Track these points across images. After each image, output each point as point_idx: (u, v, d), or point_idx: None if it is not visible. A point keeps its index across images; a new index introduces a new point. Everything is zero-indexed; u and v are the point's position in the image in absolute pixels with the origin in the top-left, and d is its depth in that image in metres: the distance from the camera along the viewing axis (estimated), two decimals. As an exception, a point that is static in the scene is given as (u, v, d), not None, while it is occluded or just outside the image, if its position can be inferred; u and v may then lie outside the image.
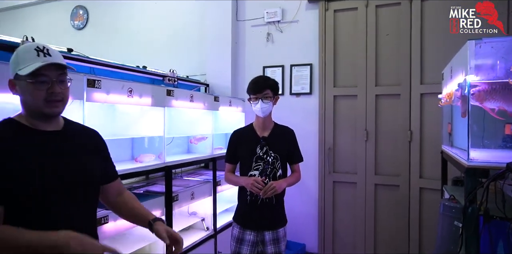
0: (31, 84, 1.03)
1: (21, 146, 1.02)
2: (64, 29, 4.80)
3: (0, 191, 0.96)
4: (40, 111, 1.06)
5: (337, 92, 3.31)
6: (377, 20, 3.14)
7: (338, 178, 3.33)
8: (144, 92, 2.12)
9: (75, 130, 1.21)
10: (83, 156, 1.17)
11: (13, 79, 1.06)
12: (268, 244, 2.04)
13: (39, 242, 0.93)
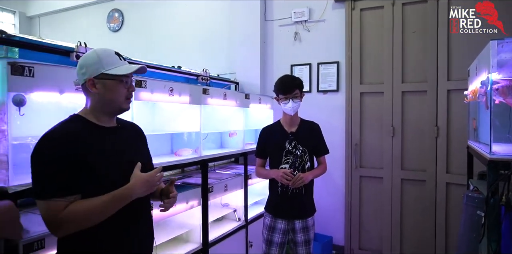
0: (119, 83, 1.19)
1: (94, 140, 1.15)
2: (101, 31, 5.08)
3: (81, 181, 1.10)
4: (118, 107, 1.22)
5: (363, 89, 3.39)
6: (403, 17, 3.19)
7: (365, 172, 3.42)
8: (183, 91, 2.30)
9: (126, 126, 1.36)
10: (138, 149, 1.34)
11: (94, 78, 1.17)
12: (298, 232, 2.18)
13: (113, 196, 1.10)
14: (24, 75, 1.38)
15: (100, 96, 1.19)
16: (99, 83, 1.17)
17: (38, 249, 1.44)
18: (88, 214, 1.08)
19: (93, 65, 1.17)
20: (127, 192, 1.13)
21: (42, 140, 1.09)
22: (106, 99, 1.20)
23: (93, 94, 1.19)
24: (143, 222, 1.29)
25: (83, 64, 1.19)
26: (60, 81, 1.55)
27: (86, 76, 1.17)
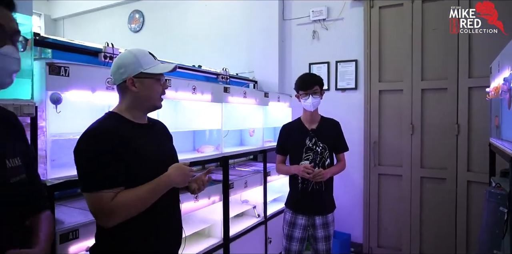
0: (156, 81, 1.26)
1: (131, 137, 1.20)
2: (122, 32, 5.21)
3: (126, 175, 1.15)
4: (153, 104, 1.28)
5: (382, 87, 3.39)
6: (423, 15, 3.18)
7: (383, 170, 3.42)
8: (205, 89, 2.36)
9: (155, 123, 1.41)
10: (168, 145, 1.41)
11: (133, 77, 1.22)
12: (318, 228, 2.22)
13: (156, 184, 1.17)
14: (61, 75, 1.46)
15: (138, 95, 1.24)
16: (138, 82, 1.23)
17: (73, 239, 1.52)
18: (136, 201, 1.14)
19: (132, 65, 1.22)
20: (167, 179, 1.19)
21: (84, 136, 1.15)
22: (143, 97, 1.25)
23: (131, 93, 1.24)
24: (173, 214, 1.36)
25: (122, 64, 1.23)
26: (91, 80, 1.63)
27: (125, 76, 1.22)
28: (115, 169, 1.13)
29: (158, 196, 1.18)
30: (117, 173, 1.14)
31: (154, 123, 1.39)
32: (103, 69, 1.68)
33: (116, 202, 1.10)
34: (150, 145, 1.27)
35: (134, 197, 1.13)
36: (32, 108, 1.36)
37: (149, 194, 1.16)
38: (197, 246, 2.41)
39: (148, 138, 1.28)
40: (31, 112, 1.35)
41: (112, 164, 1.13)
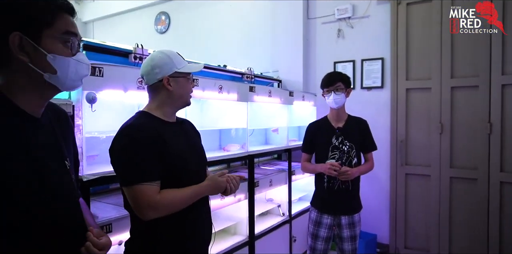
0: (187, 80, 1.32)
1: (165, 134, 1.25)
2: (149, 33, 5.34)
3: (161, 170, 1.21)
4: (185, 102, 1.34)
5: (409, 85, 3.32)
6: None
7: (411, 170, 3.35)
8: (231, 89, 2.40)
9: (184, 121, 1.45)
10: (198, 142, 1.45)
11: (169, 76, 1.28)
12: (344, 228, 2.20)
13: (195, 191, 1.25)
14: (95, 75, 1.52)
15: (172, 93, 1.29)
16: (173, 81, 1.28)
17: (107, 232, 1.58)
18: (180, 201, 1.22)
19: (166, 65, 1.27)
20: (203, 190, 1.27)
21: (121, 133, 1.21)
22: (176, 95, 1.31)
23: (165, 92, 1.29)
24: (204, 211, 1.40)
25: (156, 65, 1.28)
26: (124, 80, 1.69)
27: (160, 76, 1.27)
28: (153, 162, 1.18)
29: (194, 201, 1.26)
30: (155, 166, 1.19)
31: (182, 121, 1.43)
32: (135, 70, 1.73)
33: (163, 197, 1.17)
34: (181, 142, 1.31)
35: (179, 197, 1.21)
36: (70, 107, 1.43)
37: (189, 198, 1.24)
38: (223, 243, 2.45)
39: (178, 135, 1.32)
40: (69, 111, 1.42)
41: (150, 158, 1.18)
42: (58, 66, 0.82)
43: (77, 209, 0.94)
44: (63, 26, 0.82)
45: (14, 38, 0.76)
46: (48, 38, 0.80)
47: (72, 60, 0.84)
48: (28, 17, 0.77)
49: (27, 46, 0.78)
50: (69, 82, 0.85)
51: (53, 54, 0.81)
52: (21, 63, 0.79)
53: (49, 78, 0.82)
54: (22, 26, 0.77)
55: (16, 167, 0.76)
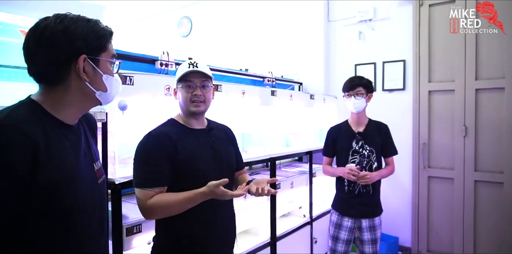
0: (182, 88, 1.38)
1: (186, 140, 1.34)
2: (172, 37, 5.47)
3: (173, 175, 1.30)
4: (188, 110, 1.38)
5: (432, 88, 3.29)
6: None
7: (433, 173, 3.32)
8: (253, 93, 2.46)
9: (216, 127, 1.52)
10: (225, 148, 1.49)
11: (177, 87, 1.40)
12: (365, 231, 2.22)
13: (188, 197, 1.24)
14: (126, 84, 1.61)
15: (179, 102, 1.41)
16: (178, 91, 1.41)
17: (137, 232, 1.67)
18: (167, 206, 1.26)
19: (176, 75, 1.40)
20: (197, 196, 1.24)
21: (142, 138, 1.33)
22: (181, 105, 1.41)
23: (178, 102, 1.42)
24: (227, 211, 1.47)
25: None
26: (152, 87, 1.77)
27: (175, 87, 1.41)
28: (160, 170, 1.28)
29: (194, 204, 1.27)
30: (162, 174, 1.29)
31: (213, 127, 1.49)
32: (163, 77, 1.82)
33: (153, 202, 1.25)
34: (200, 148, 1.37)
35: (166, 202, 1.26)
36: (104, 115, 1.52)
37: (185, 202, 1.25)
38: (245, 244, 2.51)
39: (199, 142, 1.39)
40: (103, 118, 1.51)
41: (158, 165, 1.28)
42: (109, 85, 0.94)
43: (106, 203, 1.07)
44: (112, 50, 0.95)
45: (81, 61, 0.86)
46: (103, 61, 0.92)
47: (114, 79, 0.96)
48: (95, 44, 0.89)
49: (88, 67, 0.89)
50: (110, 98, 0.98)
51: (107, 74, 0.93)
52: (78, 82, 0.89)
53: (100, 95, 0.93)
54: (87, 51, 0.87)
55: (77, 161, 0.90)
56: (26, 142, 0.76)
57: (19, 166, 0.76)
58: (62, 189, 0.83)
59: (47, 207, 0.82)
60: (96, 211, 0.98)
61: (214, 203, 1.33)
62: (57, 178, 0.82)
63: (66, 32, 0.84)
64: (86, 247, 0.93)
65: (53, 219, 0.84)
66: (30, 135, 0.77)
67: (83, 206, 0.91)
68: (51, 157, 0.81)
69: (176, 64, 2.24)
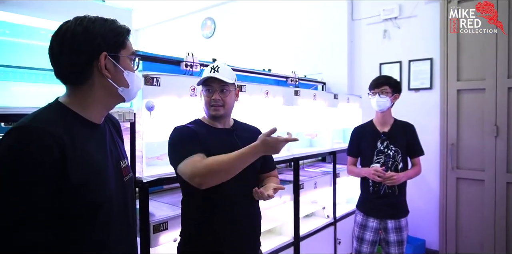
0: (203, 92, 1.44)
1: (208, 137, 1.39)
2: (195, 39, 5.55)
3: None
4: (208, 113, 1.45)
5: (461, 86, 3.19)
6: (510, 7, 2.93)
7: (462, 174, 3.22)
8: (276, 93, 2.46)
9: (242, 128, 1.55)
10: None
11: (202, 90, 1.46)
12: (391, 232, 2.19)
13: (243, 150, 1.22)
14: (154, 85, 1.65)
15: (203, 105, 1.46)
16: (202, 94, 1.46)
17: (163, 230, 1.72)
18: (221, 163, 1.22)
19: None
20: (249, 151, 1.21)
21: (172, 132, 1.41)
22: (204, 107, 1.46)
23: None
24: (252, 210, 1.48)
25: None
26: (178, 88, 1.81)
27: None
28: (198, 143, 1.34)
29: (247, 163, 1.24)
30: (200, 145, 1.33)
31: (238, 128, 1.52)
32: (188, 78, 1.85)
33: (204, 162, 1.23)
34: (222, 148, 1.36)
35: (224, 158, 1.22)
36: (132, 115, 1.57)
37: (238, 158, 1.21)
38: (269, 243, 2.52)
39: (222, 141, 1.42)
40: (131, 119, 1.56)
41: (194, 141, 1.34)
42: (130, 81, 0.97)
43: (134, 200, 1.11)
44: (131, 47, 0.99)
45: (103, 58, 0.90)
46: (123, 58, 0.95)
47: (135, 75, 1.00)
48: (114, 41, 0.93)
49: (109, 65, 0.92)
50: (133, 94, 1.01)
51: (127, 70, 0.96)
52: (100, 79, 0.93)
53: (122, 91, 0.97)
54: (107, 49, 0.91)
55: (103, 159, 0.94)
56: (53, 141, 0.80)
57: (50, 165, 0.79)
58: (90, 185, 0.87)
59: (77, 205, 0.85)
60: (124, 208, 1.02)
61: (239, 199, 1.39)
62: (85, 174, 0.86)
63: (86, 32, 0.88)
64: (114, 243, 0.97)
65: (83, 217, 0.87)
66: (55, 135, 0.80)
67: (111, 203, 0.94)
68: (77, 154, 0.85)
69: (200, 65, 2.28)
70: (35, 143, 0.78)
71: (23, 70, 1.39)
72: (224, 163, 1.22)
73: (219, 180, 1.26)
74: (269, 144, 1.18)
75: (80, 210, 0.86)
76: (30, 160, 0.77)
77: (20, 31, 1.32)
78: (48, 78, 1.47)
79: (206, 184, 1.24)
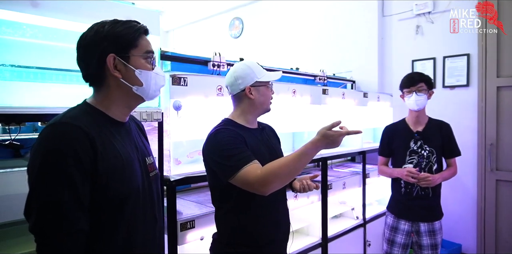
0: (267, 88, 1.42)
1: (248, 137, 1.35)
2: (223, 39, 5.59)
3: None
4: (266, 108, 1.44)
5: (501, 83, 3.02)
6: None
7: (503, 176, 3.04)
8: (304, 92, 2.43)
9: (265, 127, 1.56)
10: (276, 145, 1.53)
11: (251, 86, 1.37)
12: (424, 235, 2.11)
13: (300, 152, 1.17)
14: (181, 85, 1.68)
15: (254, 101, 1.40)
16: (254, 90, 1.39)
17: (190, 228, 1.73)
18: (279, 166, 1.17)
19: (248, 75, 1.38)
20: (309, 146, 1.18)
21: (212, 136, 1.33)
22: (258, 103, 1.41)
23: (247, 100, 1.40)
24: (282, 209, 1.48)
25: (239, 76, 1.39)
26: (205, 88, 1.82)
27: (243, 86, 1.38)
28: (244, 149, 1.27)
29: (309, 159, 1.19)
30: (247, 151, 1.27)
31: (263, 127, 1.53)
32: (215, 78, 1.86)
33: (264, 169, 1.19)
34: (261, 146, 1.40)
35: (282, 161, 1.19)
36: (160, 115, 1.60)
37: (298, 157, 1.17)
38: (296, 244, 2.49)
39: (259, 140, 1.42)
40: (159, 118, 1.59)
41: (240, 146, 1.27)
42: (144, 79, 0.99)
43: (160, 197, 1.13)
44: (144, 46, 0.99)
45: (110, 59, 0.93)
46: (135, 57, 0.97)
47: (153, 73, 1.00)
48: (120, 42, 0.95)
49: (119, 65, 0.95)
50: (151, 92, 1.02)
51: (139, 69, 0.97)
52: (115, 80, 0.96)
53: (137, 90, 0.99)
54: (115, 50, 0.94)
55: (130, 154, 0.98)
56: (83, 134, 0.85)
57: (83, 155, 0.84)
58: (118, 178, 0.91)
59: (105, 197, 0.89)
60: (150, 203, 1.04)
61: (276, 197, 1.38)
62: (113, 167, 0.90)
63: (95, 36, 0.94)
64: (139, 238, 0.99)
65: (110, 209, 0.91)
66: (84, 128, 0.86)
67: (138, 196, 0.97)
68: (105, 147, 0.90)
69: (228, 65, 2.29)
70: (68, 135, 0.84)
71: (60, 72, 1.44)
72: (285, 166, 1.17)
73: (282, 184, 1.23)
74: (330, 137, 1.15)
75: (108, 202, 0.90)
76: (65, 151, 0.83)
77: (51, 34, 1.38)
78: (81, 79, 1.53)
79: (272, 189, 1.21)
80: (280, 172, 1.17)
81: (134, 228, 0.97)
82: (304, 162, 1.18)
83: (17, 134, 1.64)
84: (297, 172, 1.21)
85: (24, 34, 1.30)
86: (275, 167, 1.18)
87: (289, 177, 1.20)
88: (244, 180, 1.21)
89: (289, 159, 1.18)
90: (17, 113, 1.22)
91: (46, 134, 0.85)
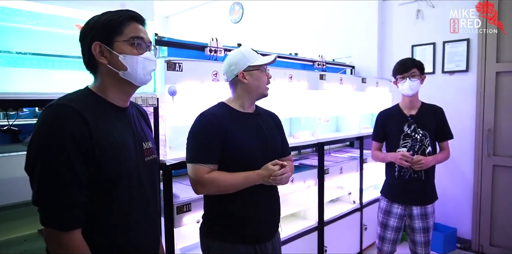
0: (262, 72, 1.43)
1: (235, 123, 1.40)
2: (223, 24, 5.54)
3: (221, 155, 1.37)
4: (262, 93, 1.46)
5: (500, 68, 3.00)
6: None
7: (499, 161, 3.06)
8: (301, 77, 2.44)
9: (263, 113, 1.56)
10: (272, 133, 1.52)
11: (244, 71, 1.40)
12: (416, 218, 2.14)
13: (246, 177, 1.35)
14: (176, 70, 1.69)
15: (248, 86, 1.43)
16: (248, 75, 1.42)
17: (187, 211, 1.78)
18: (226, 184, 1.35)
19: (240, 61, 1.41)
20: (256, 178, 1.36)
21: (196, 119, 1.41)
22: (253, 87, 1.43)
23: (242, 85, 1.43)
24: (272, 191, 1.51)
25: (231, 62, 1.43)
26: (200, 73, 1.83)
27: (236, 71, 1.42)
28: (212, 148, 1.35)
29: (246, 186, 1.36)
30: (213, 152, 1.35)
31: (261, 113, 1.53)
32: (210, 63, 1.87)
33: (210, 177, 1.33)
34: (248, 132, 1.42)
35: (227, 180, 1.35)
36: (155, 100, 1.61)
37: (239, 183, 1.36)
38: (292, 227, 2.55)
39: (248, 125, 1.44)
40: (154, 103, 1.61)
41: (211, 144, 1.35)
42: (128, 64, 1.01)
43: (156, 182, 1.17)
44: (130, 32, 1.01)
45: (95, 47, 0.98)
46: (119, 43, 1.00)
47: (140, 58, 1.02)
48: (105, 30, 0.99)
49: (105, 51, 0.99)
50: (140, 76, 1.04)
51: (123, 54, 0.99)
52: (103, 66, 1.00)
53: (123, 75, 1.01)
54: (101, 38, 0.98)
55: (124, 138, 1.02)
56: (77, 115, 0.90)
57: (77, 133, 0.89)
58: (109, 158, 0.95)
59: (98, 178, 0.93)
60: (147, 188, 1.07)
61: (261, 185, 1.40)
62: (106, 149, 0.94)
63: (86, 27, 1.00)
64: (132, 220, 1.03)
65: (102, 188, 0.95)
66: (79, 110, 0.91)
67: (128, 179, 1.00)
68: (100, 130, 0.94)
69: (225, 50, 2.29)
70: (64, 115, 0.89)
71: (56, 58, 1.46)
72: (229, 184, 1.35)
73: (217, 193, 1.40)
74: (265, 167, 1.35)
75: (101, 181, 0.94)
76: (63, 130, 0.88)
77: (55, 22, 1.40)
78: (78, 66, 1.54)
79: (205, 193, 1.43)
80: (221, 186, 1.34)
81: (129, 211, 1.01)
82: (244, 185, 1.36)
83: (15, 119, 1.67)
84: (234, 190, 1.36)
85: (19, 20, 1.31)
86: (220, 180, 1.34)
87: (225, 191, 1.37)
88: (190, 172, 1.37)
89: (234, 179, 1.35)
90: (12, 99, 1.24)
91: (42, 115, 0.91)
